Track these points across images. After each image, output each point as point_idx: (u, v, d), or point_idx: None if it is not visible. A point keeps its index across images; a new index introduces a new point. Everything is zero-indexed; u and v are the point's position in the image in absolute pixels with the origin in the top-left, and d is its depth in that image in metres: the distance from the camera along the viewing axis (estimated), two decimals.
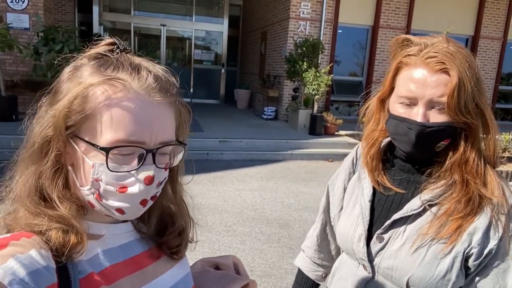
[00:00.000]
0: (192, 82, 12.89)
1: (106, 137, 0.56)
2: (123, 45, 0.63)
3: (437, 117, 0.86)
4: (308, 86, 8.15)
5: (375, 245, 0.96)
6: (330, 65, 9.00)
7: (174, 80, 0.65)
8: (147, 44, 12.13)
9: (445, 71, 0.84)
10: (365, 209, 1.00)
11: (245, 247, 3.65)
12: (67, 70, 0.61)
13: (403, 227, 0.93)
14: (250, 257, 3.47)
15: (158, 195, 0.64)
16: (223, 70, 13.25)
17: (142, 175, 0.58)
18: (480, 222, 0.86)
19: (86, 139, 0.57)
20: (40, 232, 0.56)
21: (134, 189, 0.58)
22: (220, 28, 13.14)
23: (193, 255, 0.76)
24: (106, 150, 0.56)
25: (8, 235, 0.54)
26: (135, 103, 0.58)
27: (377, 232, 0.96)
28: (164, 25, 12.74)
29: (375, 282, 0.97)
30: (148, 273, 0.67)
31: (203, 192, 5.01)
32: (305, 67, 8.18)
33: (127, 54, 0.63)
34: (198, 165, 6.22)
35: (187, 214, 0.76)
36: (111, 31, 13.00)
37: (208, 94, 13.28)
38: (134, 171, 0.58)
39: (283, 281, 3.14)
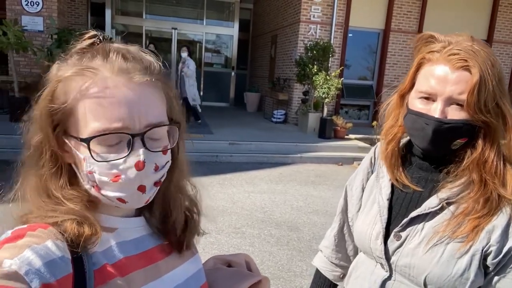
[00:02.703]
0: (202, 85, 12.96)
1: (89, 128, 0.56)
2: (103, 35, 0.62)
3: (455, 114, 0.86)
4: (318, 89, 8.12)
5: (392, 243, 0.96)
6: (341, 68, 8.97)
7: (154, 59, 0.63)
8: (158, 47, 12.28)
9: (466, 68, 0.84)
10: (383, 207, 1.00)
11: (254, 249, 3.64)
12: (55, 67, 0.61)
13: (421, 225, 0.93)
14: (259, 259, 3.46)
15: (162, 180, 0.62)
16: (233, 73, 13.30)
17: (132, 161, 0.57)
18: (499, 220, 0.85)
19: (72, 134, 0.57)
20: (55, 223, 0.56)
21: (127, 176, 0.57)
22: (230, 31, 13.21)
23: (202, 256, 0.76)
24: (86, 140, 0.55)
25: (25, 226, 0.55)
26: (109, 88, 0.56)
27: (394, 230, 0.96)
28: (175, 29, 12.84)
29: (393, 280, 0.96)
30: (160, 268, 0.67)
31: (212, 194, 5.01)
32: (315, 70, 8.16)
33: (108, 43, 0.61)
34: (208, 167, 6.23)
35: (190, 202, 0.75)
36: (123, 34, 13.15)
37: (218, 97, 13.33)
38: (123, 158, 0.56)
39: (292, 283, 3.12)
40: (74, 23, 11.43)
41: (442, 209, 0.91)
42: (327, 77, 8.06)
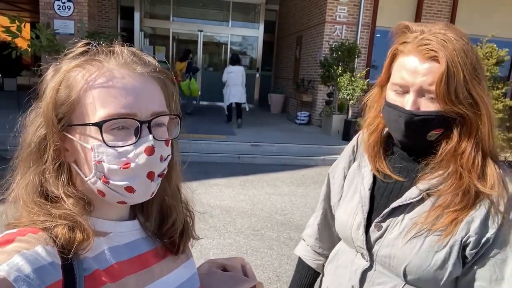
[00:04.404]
0: None
1: (98, 115, 0.56)
2: (97, 42, 0.64)
3: (428, 106, 0.85)
4: (342, 91, 8.01)
5: (373, 233, 0.95)
6: (366, 69, 8.80)
7: (151, 57, 0.66)
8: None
9: (435, 59, 0.82)
10: (364, 198, 0.99)
11: (273, 252, 3.61)
12: (49, 71, 0.61)
13: (401, 216, 0.92)
14: (277, 262, 3.43)
15: (165, 172, 0.64)
16: (257, 75, 13.31)
17: (142, 147, 0.58)
18: (478, 212, 0.85)
19: (79, 123, 0.58)
20: (46, 228, 0.56)
21: (137, 162, 0.58)
22: (256, 33, 13.24)
23: (221, 257, 0.75)
24: (99, 124, 0.56)
25: (15, 230, 0.54)
26: (116, 77, 0.58)
27: (375, 220, 0.95)
28: (201, 31, 13.00)
29: (373, 271, 0.96)
30: (153, 272, 0.66)
31: (233, 195, 5.03)
32: (340, 71, 8.05)
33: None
34: (230, 168, 6.26)
35: (185, 206, 0.75)
36: (151, 37, 13.46)
37: None
38: (133, 144, 0.58)
39: None
40: (104, 27, 11.77)
41: (422, 200, 0.90)
42: (352, 78, 7.93)
